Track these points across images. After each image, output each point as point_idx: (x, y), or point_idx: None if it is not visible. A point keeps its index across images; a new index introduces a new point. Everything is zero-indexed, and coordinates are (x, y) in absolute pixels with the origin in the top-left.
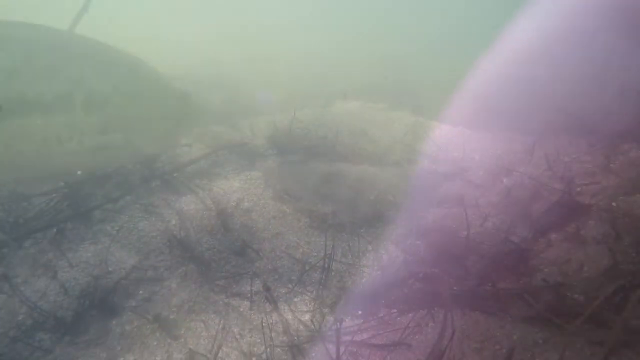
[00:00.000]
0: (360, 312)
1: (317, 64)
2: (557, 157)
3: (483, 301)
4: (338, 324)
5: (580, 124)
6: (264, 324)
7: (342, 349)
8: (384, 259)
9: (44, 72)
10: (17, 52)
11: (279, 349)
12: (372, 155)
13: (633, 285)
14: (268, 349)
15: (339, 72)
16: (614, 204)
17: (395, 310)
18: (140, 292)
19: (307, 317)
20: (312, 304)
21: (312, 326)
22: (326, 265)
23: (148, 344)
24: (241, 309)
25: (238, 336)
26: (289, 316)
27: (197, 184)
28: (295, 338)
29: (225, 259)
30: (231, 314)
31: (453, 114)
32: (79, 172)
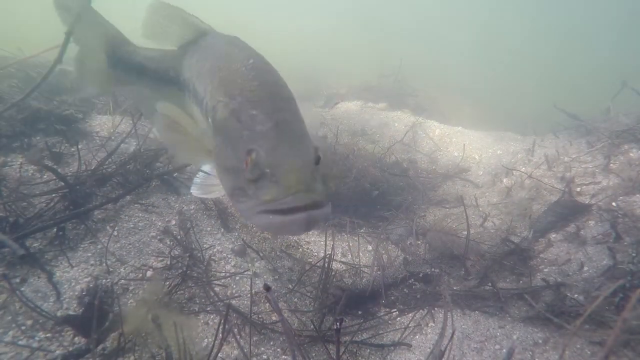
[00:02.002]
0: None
1: (317, 64)
2: (557, 157)
3: (483, 301)
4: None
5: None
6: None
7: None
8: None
9: None
10: None
11: None
12: (372, 155)
13: (633, 285)
14: None
15: (339, 71)
16: (614, 204)
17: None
18: None
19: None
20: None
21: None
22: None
23: None
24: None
25: None
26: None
27: None
28: None
29: (225, 259)
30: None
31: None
32: None
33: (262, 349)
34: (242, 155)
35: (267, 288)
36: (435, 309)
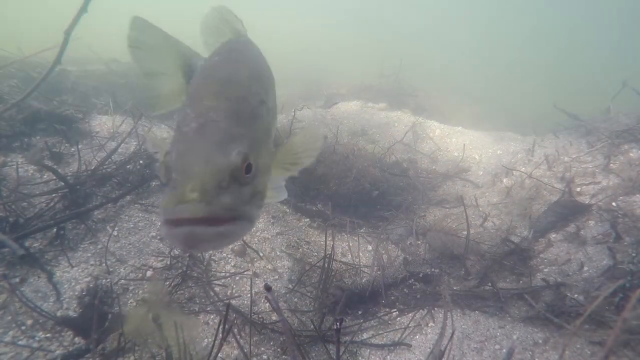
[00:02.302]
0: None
1: (317, 64)
2: (557, 157)
3: (483, 301)
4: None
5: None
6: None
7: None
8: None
9: None
10: None
11: None
12: (372, 155)
13: (633, 285)
14: None
15: (340, 71)
16: (614, 204)
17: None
18: None
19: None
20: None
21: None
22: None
23: None
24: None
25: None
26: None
27: None
28: None
29: (225, 259)
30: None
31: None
32: None
33: (262, 348)
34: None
35: (268, 288)
36: (435, 309)
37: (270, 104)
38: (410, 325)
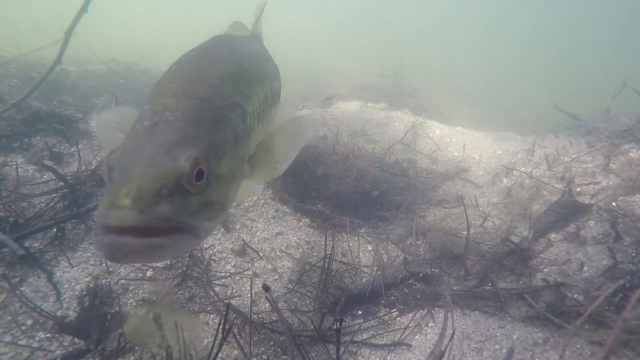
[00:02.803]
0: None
1: (317, 64)
2: (557, 157)
3: (483, 301)
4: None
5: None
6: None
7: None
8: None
9: None
10: None
11: None
12: (372, 155)
13: (633, 285)
14: None
15: (340, 71)
16: (614, 204)
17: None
18: None
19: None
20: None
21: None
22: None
23: None
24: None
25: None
26: None
27: None
28: None
29: (225, 259)
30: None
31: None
32: None
33: (262, 348)
34: None
35: (266, 288)
36: (435, 309)
37: (251, 108)
38: (410, 325)
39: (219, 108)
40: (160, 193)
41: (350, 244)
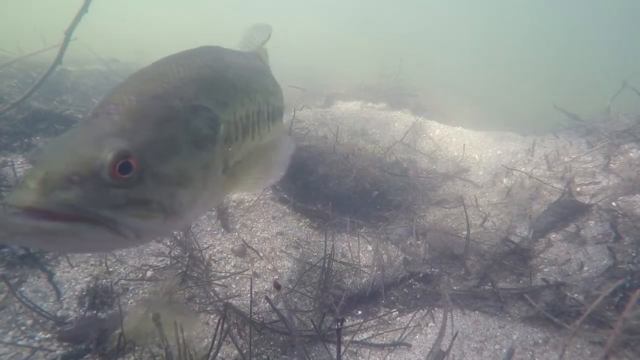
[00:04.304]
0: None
1: (317, 64)
2: (557, 157)
3: (483, 301)
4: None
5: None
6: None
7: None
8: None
9: None
10: None
11: None
12: (372, 155)
13: (633, 285)
14: None
15: (340, 71)
16: (614, 204)
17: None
18: None
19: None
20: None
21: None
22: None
23: None
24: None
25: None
26: None
27: None
28: None
29: (225, 259)
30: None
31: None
32: None
33: (262, 348)
34: None
35: (278, 286)
36: (435, 309)
37: (229, 117)
38: (410, 325)
39: (173, 108)
40: (71, 179)
41: (350, 244)
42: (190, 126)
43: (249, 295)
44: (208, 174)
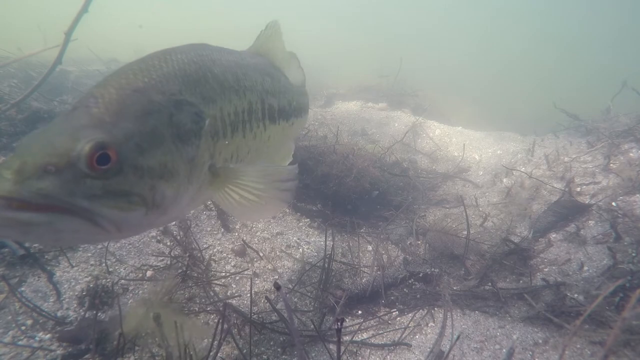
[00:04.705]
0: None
1: (317, 64)
2: (557, 157)
3: (483, 301)
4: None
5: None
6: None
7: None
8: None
9: None
10: None
11: None
12: (372, 155)
13: (633, 285)
14: None
15: (340, 72)
16: (613, 204)
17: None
18: None
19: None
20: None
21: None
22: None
23: None
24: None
25: None
26: None
27: None
28: None
29: (225, 259)
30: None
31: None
32: None
33: (262, 348)
34: None
35: (278, 287)
36: (435, 309)
37: (215, 112)
38: (410, 325)
39: (154, 102)
40: (47, 169)
41: (350, 244)
42: (174, 120)
43: (249, 295)
44: (193, 168)
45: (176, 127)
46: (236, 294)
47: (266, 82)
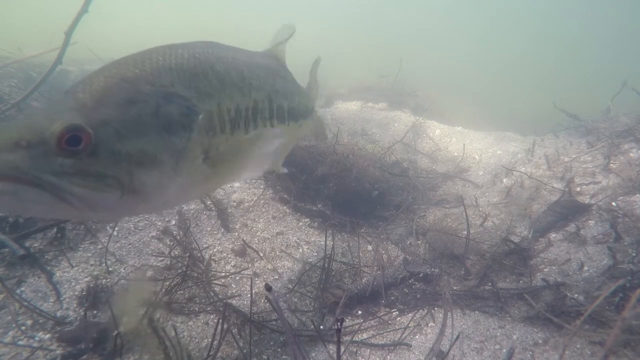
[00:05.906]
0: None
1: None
2: (557, 157)
3: (483, 301)
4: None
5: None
6: None
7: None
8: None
9: None
10: None
11: None
12: (372, 155)
13: (633, 285)
14: None
15: (340, 72)
16: (613, 203)
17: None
18: None
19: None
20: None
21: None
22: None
23: None
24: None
25: None
26: None
27: None
28: None
29: (225, 259)
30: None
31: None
32: None
33: (262, 348)
34: None
35: (268, 288)
36: (435, 309)
37: (211, 107)
38: (410, 325)
39: (142, 92)
40: (19, 144)
41: (350, 244)
42: (161, 111)
43: (249, 295)
44: (181, 160)
45: (163, 118)
46: (236, 294)
47: (277, 82)
